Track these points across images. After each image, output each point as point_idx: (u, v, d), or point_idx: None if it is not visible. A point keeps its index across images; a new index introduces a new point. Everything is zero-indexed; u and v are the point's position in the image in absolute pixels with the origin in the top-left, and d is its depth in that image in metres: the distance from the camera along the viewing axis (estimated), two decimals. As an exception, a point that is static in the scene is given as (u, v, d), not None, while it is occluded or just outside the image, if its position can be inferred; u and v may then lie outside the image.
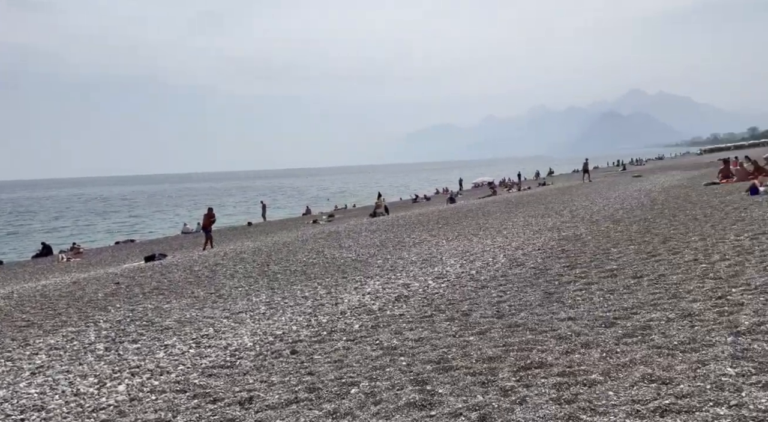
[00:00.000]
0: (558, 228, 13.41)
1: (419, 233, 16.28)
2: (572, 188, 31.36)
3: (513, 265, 9.31)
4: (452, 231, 15.90)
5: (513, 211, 20.23)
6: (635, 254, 8.49)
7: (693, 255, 7.64)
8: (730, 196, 14.69)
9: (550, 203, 21.86)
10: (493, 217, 18.79)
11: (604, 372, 3.94)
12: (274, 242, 18.85)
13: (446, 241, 13.89)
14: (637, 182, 29.19)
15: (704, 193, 16.96)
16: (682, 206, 14.11)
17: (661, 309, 5.31)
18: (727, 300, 5.22)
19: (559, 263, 8.78)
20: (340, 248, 14.72)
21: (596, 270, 7.79)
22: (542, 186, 45.43)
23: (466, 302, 7.09)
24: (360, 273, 10.51)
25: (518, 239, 12.50)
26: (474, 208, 24.36)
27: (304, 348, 5.94)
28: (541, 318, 5.77)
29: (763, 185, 14.62)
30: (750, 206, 11.84)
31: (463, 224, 17.44)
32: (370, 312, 7.23)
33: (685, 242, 8.82)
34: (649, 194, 19.71)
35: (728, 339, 4.17)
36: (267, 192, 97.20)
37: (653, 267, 7.34)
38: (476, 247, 12.06)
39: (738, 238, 8.37)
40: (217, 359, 5.93)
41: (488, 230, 15.21)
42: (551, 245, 10.90)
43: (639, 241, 9.68)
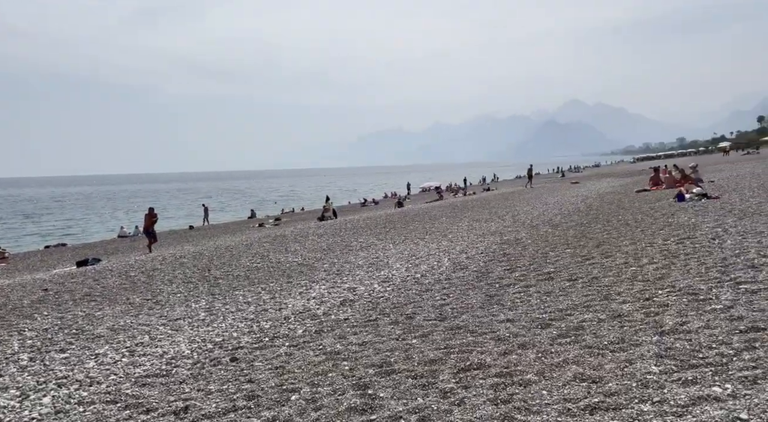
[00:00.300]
0: (500, 232, 13.78)
1: (367, 237, 16.30)
2: (515, 194, 32.35)
3: (457, 268, 9.47)
4: (399, 235, 16.02)
5: (458, 215, 20.63)
6: (571, 258, 8.84)
7: (624, 259, 8.04)
8: (659, 202, 15.58)
9: (494, 208, 22.45)
10: (439, 221, 19.08)
11: (538, 372, 4.07)
12: (217, 246, 18.34)
13: (393, 245, 13.98)
14: (574, 189, 30.47)
15: (636, 199, 17.91)
16: (615, 212, 14.83)
17: (593, 311, 5.55)
18: (654, 302, 5.52)
19: (501, 267, 9.02)
20: (286, 252, 14.51)
21: (534, 273, 8.05)
22: (487, 191, 46.62)
23: (410, 305, 7.15)
24: (306, 278, 10.39)
25: (463, 242, 12.75)
26: (421, 212, 24.67)
27: (245, 354, 5.80)
28: (481, 320, 5.90)
29: (689, 193, 15.61)
30: (677, 212, 12.60)
31: (410, 228, 17.61)
32: (315, 317, 7.16)
33: (617, 246, 9.27)
34: (585, 200, 20.60)
35: (653, 338, 4.41)
36: (212, 195, 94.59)
37: (587, 270, 7.66)
38: (422, 251, 12.20)
39: (665, 242, 8.88)
40: (152, 367, 5.69)
41: (434, 234, 15.43)
42: (493, 248, 11.18)
43: (575, 245, 10.09)
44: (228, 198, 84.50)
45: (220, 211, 56.31)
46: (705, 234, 8.98)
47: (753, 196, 13.70)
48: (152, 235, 20.71)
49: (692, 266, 6.79)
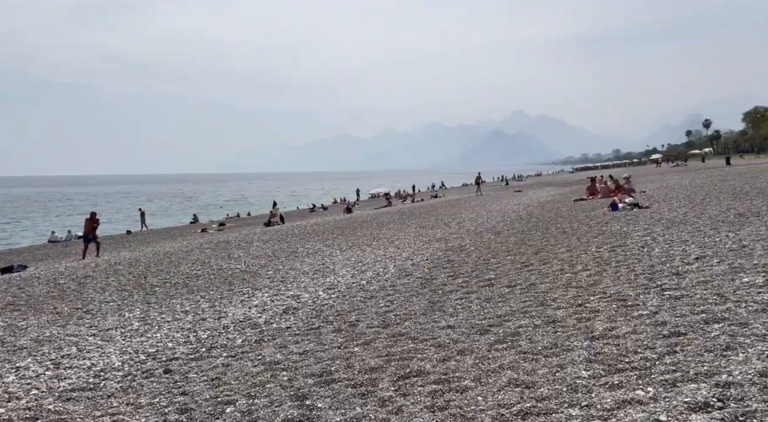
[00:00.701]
0: (446, 239, 13.99)
1: (314, 243, 16.15)
2: (461, 201, 32.99)
3: (402, 275, 9.53)
4: (347, 241, 15.97)
5: (406, 222, 20.81)
6: (511, 265, 9.09)
7: (560, 266, 8.34)
8: (595, 211, 16.29)
9: (440, 214, 22.79)
10: (386, 227, 19.17)
11: (475, 378, 4.14)
12: (155, 252, 17.64)
13: (340, 251, 13.92)
14: (517, 197, 31.43)
15: (573, 208, 18.66)
16: (554, 220, 15.39)
17: (530, 316, 5.72)
18: (586, 307, 5.75)
19: (444, 273, 9.15)
20: (229, 258, 14.15)
21: (476, 280, 8.21)
22: (434, 198, 47.30)
23: (354, 312, 7.12)
24: (248, 285, 10.17)
25: (409, 249, 12.86)
26: (369, 218, 24.70)
27: (179, 366, 5.59)
28: (423, 327, 5.95)
29: (622, 202, 16.41)
30: (610, 221, 13.21)
31: (358, 235, 17.60)
32: (255, 326, 7.00)
33: (554, 253, 9.61)
34: (527, 208, 21.27)
35: (584, 343, 4.58)
36: (154, 198, 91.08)
37: (526, 277, 7.89)
38: (369, 257, 12.21)
39: (598, 250, 9.28)
40: (78, 381, 5.39)
41: (381, 240, 15.49)
42: (438, 255, 11.33)
43: (515, 252, 10.39)
44: (171, 202, 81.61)
45: (162, 215, 54.26)
46: (635, 242, 9.45)
47: (680, 206, 14.57)
48: (93, 240, 19.65)
49: (622, 273, 7.13)
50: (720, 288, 5.61)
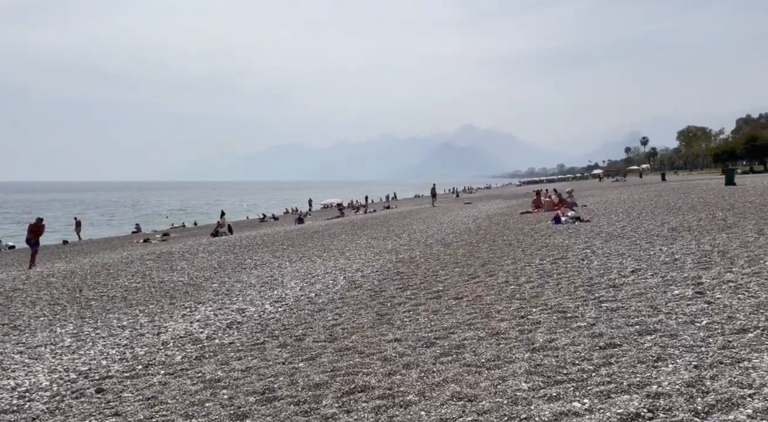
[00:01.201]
0: (396, 250, 14.05)
1: (262, 255, 15.84)
2: (412, 213, 33.29)
3: (351, 287, 9.48)
4: (297, 253, 15.76)
5: (357, 233, 20.76)
6: (459, 277, 9.22)
7: (505, 278, 8.53)
8: (539, 224, 16.80)
9: (392, 226, 22.89)
10: (338, 239, 19.06)
11: (419, 393, 4.14)
12: (93, 263, 16.80)
13: (290, 263, 13.70)
14: (467, 209, 32.02)
15: (519, 221, 19.19)
16: (501, 232, 15.76)
17: (475, 328, 5.80)
18: (528, 319, 5.89)
19: (394, 285, 9.16)
20: (171, 270, 13.65)
21: (425, 292, 8.27)
22: (387, 209, 47.52)
23: (301, 326, 7.00)
24: (191, 298, 9.82)
25: (359, 260, 12.81)
26: (321, 229, 24.50)
27: (113, 385, 5.31)
28: (370, 340, 5.92)
29: (565, 216, 17.02)
30: (553, 234, 13.65)
31: (309, 246, 17.40)
32: (197, 342, 6.76)
33: (500, 265, 9.83)
34: (476, 221, 21.70)
35: (525, 355, 4.68)
36: (93, 207, 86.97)
37: (472, 289, 8.02)
38: (319, 269, 12.08)
39: (542, 262, 9.56)
40: (1, 402, 5.01)
41: (332, 251, 15.37)
42: (388, 267, 11.35)
43: (463, 264, 10.55)
44: (114, 210, 78.13)
45: (103, 225, 51.86)
46: (576, 255, 9.80)
47: (618, 220, 15.24)
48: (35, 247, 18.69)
49: (563, 286, 7.36)
50: (653, 300, 5.88)
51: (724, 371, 3.70)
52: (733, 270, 6.82)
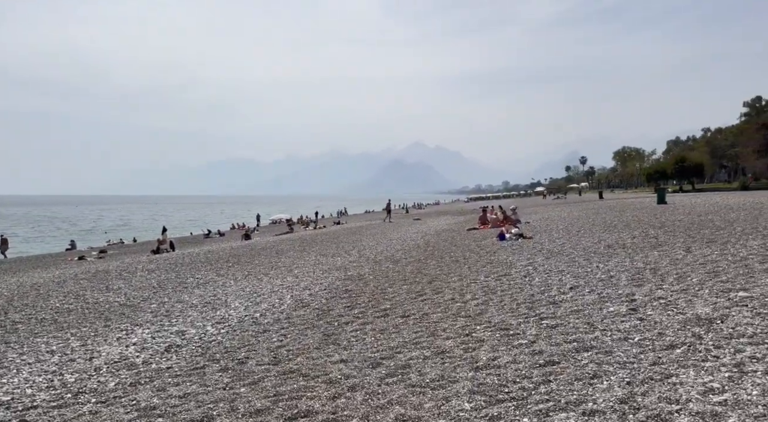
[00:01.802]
0: (345, 267, 13.96)
1: (206, 273, 15.34)
2: (363, 228, 33.30)
3: (298, 306, 9.32)
4: (243, 270, 15.36)
5: (306, 249, 20.52)
6: (407, 294, 9.26)
7: (451, 295, 8.64)
8: (485, 240, 17.19)
9: (342, 242, 22.78)
10: (286, 255, 18.75)
11: (363, 416, 4.10)
12: (20, 283, 15.73)
13: (234, 281, 13.33)
14: (416, 225, 32.37)
15: (466, 237, 19.57)
16: (448, 249, 16.01)
17: (421, 348, 5.82)
18: (473, 337, 5.97)
19: (342, 304, 9.08)
20: (107, 290, 12.97)
21: (372, 310, 8.24)
22: (337, 225, 47.30)
23: (244, 349, 6.79)
24: (127, 320, 9.35)
25: (308, 278, 12.64)
26: (269, 246, 24.05)
27: (39, 415, 4.95)
28: (316, 362, 5.82)
29: (509, 233, 17.50)
30: (498, 251, 13.99)
31: (256, 263, 17.02)
32: (132, 367, 6.42)
33: (447, 282, 9.95)
34: (424, 237, 21.95)
35: (469, 374, 4.74)
36: (25, 222, 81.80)
37: (419, 307, 8.07)
38: (265, 287, 11.82)
39: (486, 279, 9.76)
40: None
41: (280, 269, 15.09)
42: (337, 284, 11.25)
43: (411, 281, 10.61)
44: (47, 226, 73.75)
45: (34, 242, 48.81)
46: (519, 272, 10.07)
47: (558, 237, 15.82)
48: None
49: (506, 303, 7.53)
50: (590, 317, 6.11)
51: (654, 387, 3.88)
52: (663, 287, 7.19)
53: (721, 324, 5.17)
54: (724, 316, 5.40)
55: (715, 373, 3.96)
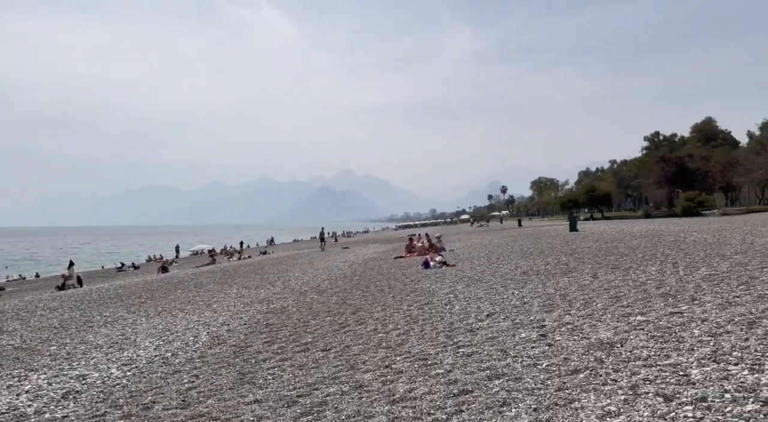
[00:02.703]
0: (268, 300, 13.58)
1: (115, 310, 14.35)
2: (289, 258, 32.69)
3: (214, 343, 8.90)
4: (156, 306, 14.52)
5: (228, 282, 19.79)
6: (329, 326, 9.12)
7: (374, 325, 8.61)
8: (410, 269, 17.40)
9: (266, 273, 22.21)
10: (205, 289, 17.98)
11: (274, 460, 3.93)
12: None
13: (146, 318, 12.56)
14: (344, 254, 32.26)
15: (393, 265, 19.72)
16: (374, 278, 16.04)
17: (339, 382, 5.72)
18: (392, 369, 5.95)
19: (261, 339, 8.78)
20: (0, 332, 11.78)
21: (293, 345, 8.03)
22: (263, 255, 46.12)
23: (151, 392, 6.36)
24: (21, 365, 8.51)
25: (227, 313, 12.15)
26: (187, 278, 22.98)
27: None
28: (228, 404, 5.55)
29: (433, 261, 17.84)
30: (422, 279, 14.19)
31: (171, 298, 16.16)
32: (23, 417, 5.82)
33: (371, 312, 9.93)
34: (351, 266, 21.88)
35: (384, 408, 4.70)
36: None
37: (341, 339, 7.96)
38: (180, 324, 11.21)
39: (409, 308, 9.84)
40: None
41: (198, 303, 14.41)
42: (258, 318, 10.89)
43: (335, 312, 10.48)
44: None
45: None
46: (440, 300, 10.25)
47: (480, 264, 16.33)
48: None
49: (427, 331, 7.61)
50: (503, 344, 6.30)
51: (558, 412, 4.03)
52: (571, 313, 7.58)
53: (620, 347, 5.50)
54: (623, 340, 5.75)
55: (612, 396, 4.18)
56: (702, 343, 5.22)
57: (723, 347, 4.98)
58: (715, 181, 72.31)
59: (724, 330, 5.57)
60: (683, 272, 10.29)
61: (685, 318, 6.39)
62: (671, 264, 11.60)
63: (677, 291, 8.23)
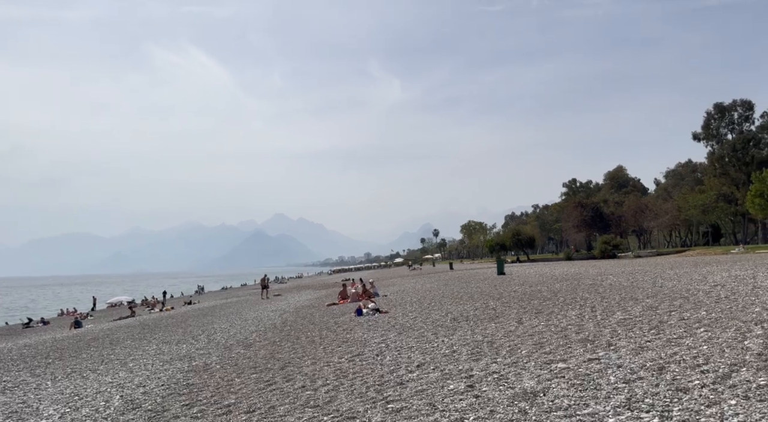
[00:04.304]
0: (190, 356, 12.83)
1: (17, 373, 13.01)
2: (216, 308, 31.28)
3: (127, 409, 8.22)
4: (65, 367, 13.31)
5: (148, 337, 18.56)
6: (255, 384, 8.71)
7: (302, 382, 8.32)
8: (343, 316, 17.14)
9: (190, 325, 21.08)
10: (122, 345, 16.74)
11: None
12: None
13: (53, 381, 11.45)
14: (275, 302, 31.32)
15: (325, 313, 19.35)
16: (306, 328, 15.62)
17: (261, 450, 5.42)
18: (318, 431, 5.73)
19: (180, 401, 8.22)
20: None
21: (214, 407, 7.57)
22: (188, 305, 43.83)
23: (50, 471, 5.72)
24: None
25: (144, 372, 11.32)
26: (102, 334, 21.35)
27: None
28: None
29: (366, 307, 17.69)
30: (354, 327, 13.99)
31: (83, 357, 14.89)
32: None
33: (299, 366, 9.60)
34: (282, 315, 21.24)
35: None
36: None
37: (267, 398, 7.61)
38: (90, 387, 10.30)
39: (340, 360, 9.62)
40: None
41: (112, 362, 13.36)
42: (178, 377, 10.23)
43: (262, 368, 10.05)
44: None
45: None
46: (372, 350, 10.12)
47: (412, 310, 16.38)
48: None
49: (356, 386, 7.44)
50: (432, 397, 6.27)
51: (482, 469, 4.02)
52: (497, 361, 7.71)
53: (543, 396, 5.63)
54: (545, 389, 5.90)
55: (535, 449, 4.24)
56: (617, 390, 5.46)
57: (636, 394, 5.23)
58: (628, 225, 77.83)
59: (637, 376, 5.86)
60: (600, 316, 10.83)
61: (602, 364, 6.68)
62: (590, 308, 12.19)
63: (595, 336, 8.62)
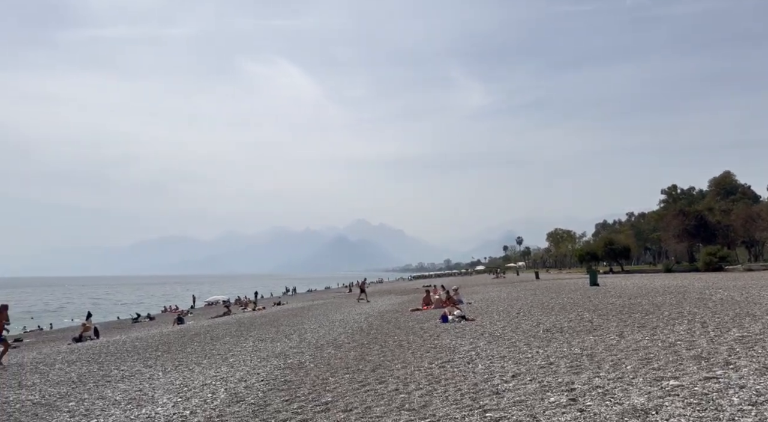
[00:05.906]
0: (285, 354, 13.40)
1: (132, 363, 14.24)
2: (304, 309, 32.42)
3: (232, 401, 8.74)
4: (173, 360, 14.39)
5: (244, 334, 19.62)
6: (349, 384, 8.94)
7: (395, 384, 8.42)
8: (428, 322, 17.13)
9: (282, 325, 22.00)
10: (222, 341, 17.82)
11: None
12: None
13: (163, 373, 12.43)
14: (359, 306, 31.90)
15: (410, 319, 19.44)
16: (392, 332, 15.79)
17: (364, 448, 5.55)
18: (418, 434, 5.78)
19: (280, 397, 8.62)
20: (20, 387, 11.72)
21: (313, 404, 7.86)
22: (277, 305, 45.83)
23: (171, 453, 6.23)
24: (40, 422, 8.41)
25: (244, 368, 11.99)
26: (203, 330, 22.83)
27: None
28: (250, 469, 5.40)
29: (451, 314, 17.56)
30: (441, 334, 13.94)
31: (188, 351, 16.02)
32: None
33: (391, 369, 9.73)
34: (368, 318, 21.60)
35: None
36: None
37: (362, 398, 7.79)
38: (197, 379, 11.07)
39: (430, 366, 9.63)
40: None
41: (214, 357, 14.26)
42: (275, 374, 10.73)
43: (354, 369, 10.29)
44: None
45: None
46: (462, 357, 10.03)
47: (499, 319, 16.03)
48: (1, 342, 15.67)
49: (450, 393, 7.42)
50: (532, 409, 6.11)
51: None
52: (600, 375, 7.36)
53: (656, 415, 5.30)
54: (658, 407, 5.55)
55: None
56: (743, 413, 5.02)
57: (766, 418, 4.78)
58: (736, 235, 71.10)
59: (765, 398, 5.36)
60: (713, 332, 10.00)
61: (722, 383, 6.17)
62: (700, 324, 11.29)
63: (710, 354, 7.98)
